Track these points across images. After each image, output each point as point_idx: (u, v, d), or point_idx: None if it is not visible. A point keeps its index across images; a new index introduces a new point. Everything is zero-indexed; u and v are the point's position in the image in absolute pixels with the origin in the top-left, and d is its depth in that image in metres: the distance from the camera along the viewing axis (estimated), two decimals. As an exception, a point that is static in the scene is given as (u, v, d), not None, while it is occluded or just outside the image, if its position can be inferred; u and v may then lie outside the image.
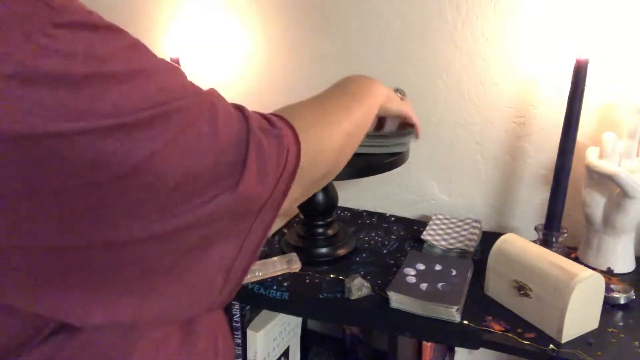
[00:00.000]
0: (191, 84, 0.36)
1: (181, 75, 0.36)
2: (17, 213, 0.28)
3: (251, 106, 0.42)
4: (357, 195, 1.16)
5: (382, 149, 0.84)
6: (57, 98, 0.27)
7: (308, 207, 0.91)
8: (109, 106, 0.29)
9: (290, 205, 0.44)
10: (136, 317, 0.35)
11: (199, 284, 0.38)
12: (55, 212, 0.29)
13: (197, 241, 0.36)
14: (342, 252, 0.92)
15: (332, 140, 0.50)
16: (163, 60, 0.34)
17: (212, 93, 0.38)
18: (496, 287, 0.77)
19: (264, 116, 0.43)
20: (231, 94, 1.20)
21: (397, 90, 0.77)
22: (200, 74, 1.21)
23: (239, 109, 0.40)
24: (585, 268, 0.67)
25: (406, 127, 0.84)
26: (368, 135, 0.84)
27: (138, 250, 0.33)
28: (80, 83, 0.28)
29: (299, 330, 1.07)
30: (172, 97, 0.32)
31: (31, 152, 0.27)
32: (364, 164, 0.80)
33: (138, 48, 0.33)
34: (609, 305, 0.74)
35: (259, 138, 0.38)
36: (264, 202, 0.39)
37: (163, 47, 1.20)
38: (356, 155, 0.80)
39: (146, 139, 0.30)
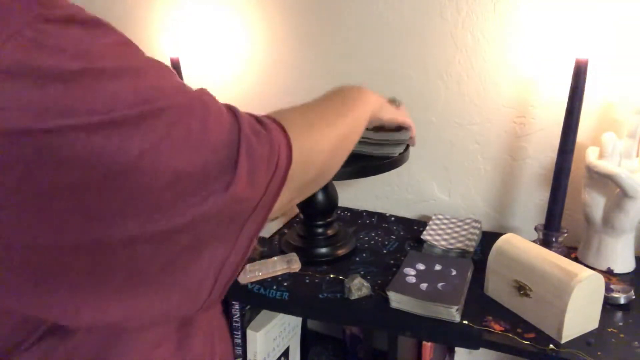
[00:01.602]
0: (181, 83, 0.35)
1: (171, 74, 0.35)
2: (7, 211, 0.27)
3: (253, 106, 0.42)
4: (357, 195, 1.16)
5: (378, 149, 0.84)
6: (46, 94, 0.26)
7: (308, 207, 0.91)
8: (98, 103, 0.28)
9: (282, 208, 0.44)
10: (126, 318, 0.35)
11: (188, 285, 0.37)
12: (46, 211, 0.28)
13: (188, 243, 0.35)
14: (342, 252, 0.92)
15: (323, 143, 0.50)
16: (153, 59, 0.34)
17: (204, 92, 0.37)
18: (496, 287, 0.77)
19: (255, 117, 0.42)
20: (232, 94, 1.20)
21: (392, 101, 0.76)
22: (201, 73, 1.21)
23: (231, 109, 0.40)
24: (585, 268, 0.67)
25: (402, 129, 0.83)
26: (366, 136, 0.83)
27: (128, 251, 0.32)
28: (70, 79, 0.27)
29: (299, 330, 1.07)
30: (162, 95, 0.32)
31: (20, 149, 0.26)
32: (364, 164, 0.80)
33: (128, 45, 0.32)
34: (609, 305, 0.74)
35: (250, 140, 0.38)
36: (255, 205, 0.39)
37: (163, 47, 1.20)
38: (353, 155, 0.80)
39: (136, 136, 0.30)
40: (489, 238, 0.90)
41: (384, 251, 0.94)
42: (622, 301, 0.75)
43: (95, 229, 0.30)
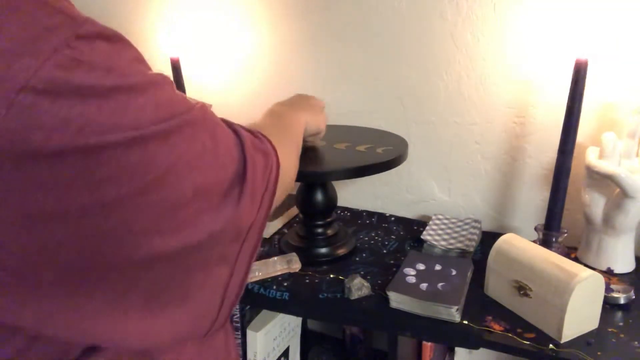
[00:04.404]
0: (187, 98, 0.36)
1: (174, 87, 0.36)
2: (46, 233, 0.27)
3: (253, 105, 0.43)
4: (357, 195, 1.16)
5: None
6: (83, 112, 0.26)
7: (308, 207, 0.91)
8: (130, 119, 0.29)
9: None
10: (142, 340, 0.35)
11: (199, 307, 0.37)
12: (77, 233, 0.28)
13: (201, 263, 0.36)
14: (342, 252, 0.92)
15: (292, 162, 0.53)
16: (159, 73, 0.34)
17: (205, 107, 0.38)
18: (496, 287, 0.77)
19: (249, 131, 0.43)
20: (232, 94, 1.20)
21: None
22: (201, 73, 1.21)
23: (228, 124, 0.41)
24: (585, 268, 0.67)
25: None
26: None
27: (149, 271, 0.32)
28: (104, 96, 0.27)
29: (299, 330, 1.07)
30: (180, 110, 0.33)
31: (59, 169, 0.26)
32: (363, 164, 0.80)
33: (142, 60, 0.33)
34: (609, 305, 0.74)
35: (253, 156, 0.39)
36: (252, 220, 0.39)
37: (163, 47, 1.20)
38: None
39: (163, 151, 0.30)
40: (489, 238, 0.90)
41: (384, 251, 0.94)
42: (622, 301, 0.75)
43: (123, 248, 0.30)
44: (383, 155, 0.83)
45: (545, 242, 0.86)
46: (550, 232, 0.85)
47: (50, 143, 0.25)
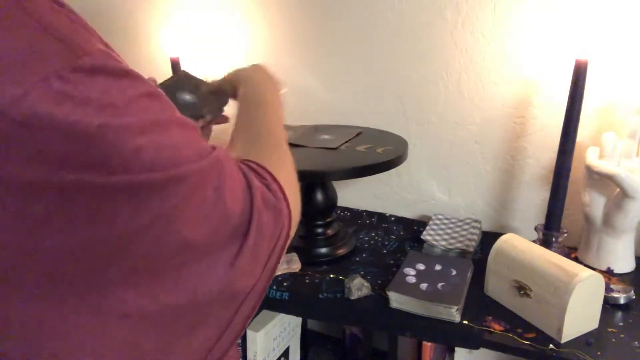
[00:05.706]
0: (202, 143, 0.34)
1: (192, 130, 0.34)
2: (11, 268, 0.26)
3: None
4: (357, 195, 1.16)
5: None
6: (67, 147, 0.25)
7: (308, 207, 0.91)
8: (120, 161, 0.27)
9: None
10: None
11: None
12: (47, 274, 0.27)
13: (186, 323, 0.33)
14: (342, 252, 0.92)
15: (297, 188, 0.48)
16: (176, 112, 0.33)
17: (220, 153, 0.35)
18: (496, 287, 0.77)
19: (264, 182, 0.40)
20: (231, 94, 1.20)
21: None
22: (201, 73, 1.21)
23: (245, 174, 0.38)
24: (585, 268, 0.67)
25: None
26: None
27: (126, 326, 0.30)
28: (93, 134, 0.26)
29: (299, 330, 1.07)
30: (185, 159, 0.31)
31: (34, 203, 0.25)
32: (363, 164, 0.80)
33: (153, 96, 0.31)
34: (609, 305, 0.74)
35: (261, 214, 0.36)
36: (254, 282, 0.37)
37: (163, 47, 1.20)
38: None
39: (154, 202, 0.28)
40: (489, 238, 0.90)
41: (384, 251, 0.94)
42: (622, 301, 0.75)
43: (93, 296, 0.28)
44: (383, 155, 0.83)
45: (545, 242, 0.86)
46: (550, 232, 0.85)
47: (23, 175, 0.24)
